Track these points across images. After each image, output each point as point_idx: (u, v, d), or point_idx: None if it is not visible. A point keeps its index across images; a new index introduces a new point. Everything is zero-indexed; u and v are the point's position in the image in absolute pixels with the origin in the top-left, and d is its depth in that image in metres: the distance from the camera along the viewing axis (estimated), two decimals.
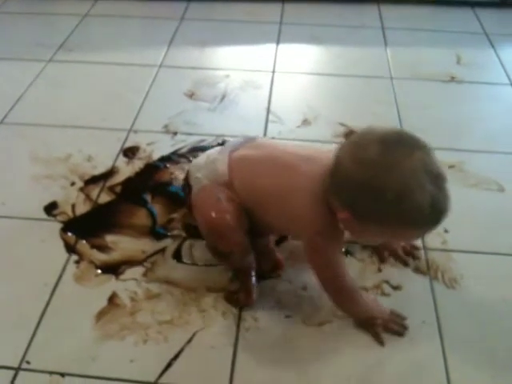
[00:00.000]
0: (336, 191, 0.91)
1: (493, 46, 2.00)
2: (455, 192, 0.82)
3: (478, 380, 0.97)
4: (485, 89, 1.79)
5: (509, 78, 1.83)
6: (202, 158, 1.13)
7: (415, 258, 1.18)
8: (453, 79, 1.80)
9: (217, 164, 1.06)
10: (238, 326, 1.04)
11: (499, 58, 1.94)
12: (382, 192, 0.83)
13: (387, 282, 1.13)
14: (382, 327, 1.03)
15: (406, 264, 1.16)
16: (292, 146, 1.17)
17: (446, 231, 1.23)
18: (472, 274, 1.15)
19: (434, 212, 0.85)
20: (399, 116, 1.62)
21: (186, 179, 1.13)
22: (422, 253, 1.19)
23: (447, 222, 1.22)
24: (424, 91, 1.74)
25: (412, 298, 1.10)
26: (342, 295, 1.04)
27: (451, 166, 1.40)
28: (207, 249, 1.12)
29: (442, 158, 0.89)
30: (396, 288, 1.12)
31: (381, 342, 1.02)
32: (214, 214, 1.01)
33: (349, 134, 1.54)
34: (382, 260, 1.17)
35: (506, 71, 1.87)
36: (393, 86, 1.75)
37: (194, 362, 0.99)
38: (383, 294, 1.11)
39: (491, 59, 1.94)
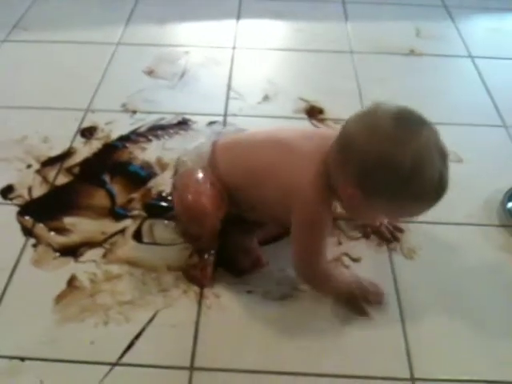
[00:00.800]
0: (346, 167, 0.90)
1: (452, 19, 2.02)
2: None
3: (436, 345, 1.00)
4: (444, 61, 1.80)
5: (467, 50, 1.84)
6: (192, 146, 1.14)
7: (396, 239, 1.18)
8: (412, 52, 1.81)
9: (202, 148, 1.07)
10: (199, 304, 1.04)
11: (458, 31, 1.95)
12: (397, 166, 0.84)
13: (347, 254, 1.14)
14: (362, 300, 1.04)
15: (388, 241, 1.17)
16: (287, 128, 1.17)
17: None
18: (430, 245, 1.17)
19: (440, 187, 0.87)
20: (360, 90, 1.62)
21: (176, 166, 1.14)
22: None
23: None
24: (384, 65, 1.75)
25: (371, 270, 1.11)
26: (319, 279, 1.04)
27: None
28: (177, 229, 1.11)
29: None
30: (355, 260, 1.13)
31: (366, 314, 1.03)
32: (190, 197, 1.01)
33: (310, 109, 1.54)
34: (366, 236, 1.18)
35: (464, 43, 1.88)
36: (353, 61, 1.75)
37: (155, 341, 0.99)
38: (343, 265, 1.12)
39: (450, 32, 1.95)
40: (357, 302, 1.04)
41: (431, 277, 1.11)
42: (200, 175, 1.04)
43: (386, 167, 0.84)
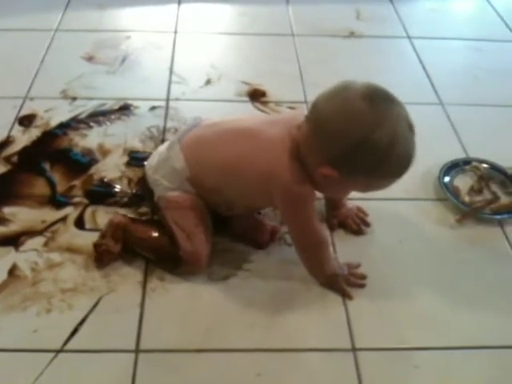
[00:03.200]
0: (321, 149, 0.91)
1: (391, 1, 2.05)
2: None
3: (376, 316, 1.03)
4: (383, 42, 1.84)
5: (406, 31, 1.89)
6: (154, 157, 1.13)
7: (366, 224, 1.19)
8: (352, 34, 1.84)
9: (172, 162, 1.06)
10: (143, 288, 1.05)
11: (397, 12, 1.99)
12: (374, 147, 0.87)
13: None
14: (345, 282, 1.06)
15: (357, 233, 1.18)
16: (247, 117, 1.17)
17: None
18: (369, 220, 1.20)
19: (410, 160, 0.92)
20: (301, 72, 1.64)
21: (144, 183, 1.13)
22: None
23: None
24: (324, 47, 1.77)
25: None
26: (317, 251, 1.05)
27: None
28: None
29: None
30: None
31: (349, 297, 1.05)
32: (188, 247, 1.04)
33: (252, 92, 1.55)
34: (331, 229, 1.18)
35: (403, 25, 1.92)
36: (294, 43, 1.77)
37: (100, 326, 0.99)
38: (286, 243, 1.14)
39: (390, 13, 1.99)
40: (338, 285, 1.06)
41: (369, 250, 1.15)
42: (192, 212, 1.05)
43: (364, 148, 0.87)
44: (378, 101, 0.89)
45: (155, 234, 1.08)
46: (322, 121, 0.91)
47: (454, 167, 1.32)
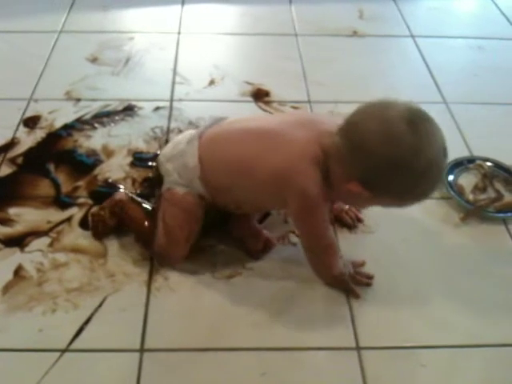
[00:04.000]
0: (354, 165, 0.91)
1: (394, 0, 2.05)
2: None
3: (380, 314, 1.03)
4: (386, 41, 1.84)
5: (409, 30, 1.89)
6: (169, 146, 1.13)
7: (360, 220, 1.20)
8: (355, 33, 1.84)
9: (186, 158, 1.05)
10: (148, 287, 1.05)
11: (400, 11, 1.99)
12: (410, 173, 0.88)
13: (293, 232, 1.16)
14: (352, 281, 1.06)
15: (352, 227, 1.18)
16: (272, 116, 1.16)
17: None
18: (371, 218, 1.20)
19: (438, 186, 0.95)
20: (304, 72, 1.64)
21: (157, 169, 1.13)
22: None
23: None
24: (328, 46, 1.77)
25: None
26: (325, 254, 1.05)
27: None
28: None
29: (345, 110, 0.94)
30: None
31: (356, 296, 1.05)
32: (180, 248, 1.07)
33: (256, 92, 1.56)
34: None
35: (406, 23, 1.93)
36: (297, 43, 1.77)
37: (105, 325, 0.99)
38: (290, 243, 1.15)
39: (393, 12, 1.99)
40: (345, 284, 1.06)
41: (373, 249, 1.15)
42: (184, 214, 1.06)
43: (400, 173, 0.88)
44: (419, 126, 0.88)
45: (143, 219, 1.11)
46: (360, 138, 0.89)
47: (457, 166, 1.32)
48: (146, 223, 1.10)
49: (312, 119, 1.07)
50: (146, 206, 1.13)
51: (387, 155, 0.87)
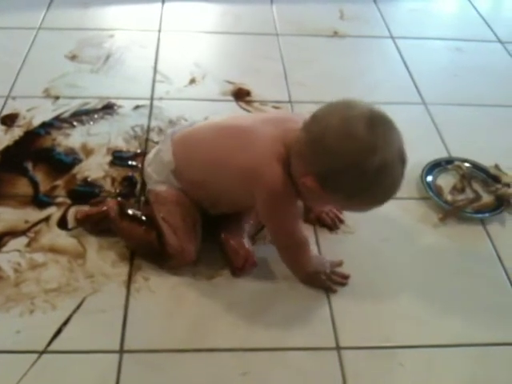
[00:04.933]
0: (311, 161, 0.91)
1: (374, 1, 2.06)
2: None
3: (360, 314, 1.04)
4: (367, 42, 1.85)
5: (389, 31, 1.90)
6: (152, 151, 1.15)
7: (341, 221, 1.20)
8: (336, 34, 1.85)
9: (162, 154, 1.07)
10: (128, 288, 1.04)
11: (380, 12, 2.00)
12: (364, 173, 0.87)
13: None
14: (327, 279, 1.07)
15: (332, 228, 1.19)
16: (244, 115, 1.16)
17: None
18: (351, 218, 1.20)
19: (394, 192, 0.93)
20: (285, 72, 1.64)
21: (142, 173, 1.14)
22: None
23: None
24: (309, 47, 1.77)
25: None
26: (296, 252, 1.06)
27: None
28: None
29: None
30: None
31: (332, 290, 1.06)
32: (177, 246, 1.04)
33: (237, 91, 1.55)
34: (310, 223, 1.19)
35: (386, 25, 1.94)
36: (278, 43, 1.77)
37: (84, 326, 0.98)
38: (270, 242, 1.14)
39: (373, 14, 2.01)
40: (320, 282, 1.07)
41: (353, 249, 1.15)
42: (179, 208, 1.06)
43: (352, 173, 0.88)
44: (378, 127, 0.88)
45: (142, 230, 1.08)
46: (319, 132, 0.90)
47: (436, 166, 1.33)
48: (146, 232, 1.08)
49: (283, 118, 1.08)
50: (138, 216, 1.11)
51: (341, 151, 0.88)
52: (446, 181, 1.32)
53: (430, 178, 1.30)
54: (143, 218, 1.10)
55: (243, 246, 1.09)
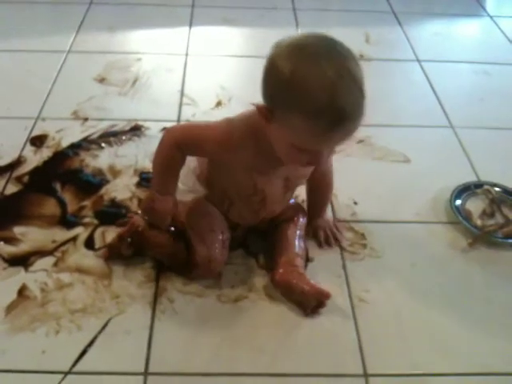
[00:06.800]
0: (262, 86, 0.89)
1: (400, 24, 2.07)
2: (364, 165, 0.83)
3: (388, 341, 1.02)
4: (392, 65, 1.85)
5: (415, 54, 1.90)
6: None
7: (336, 239, 1.18)
8: (362, 57, 1.84)
9: (188, 162, 1.07)
10: (153, 309, 1.04)
11: (406, 36, 2.01)
12: (280, 70, 0.83)
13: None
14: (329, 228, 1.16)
15: (320, 245, 1.17)
16: None
17: (355, 203, 1.27)
18: (380, 243, 1.19)
19: (332, 103, 0.80)
20: None
21: None
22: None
23: (356, 194, 1.28)
24: None
25: (323, 270, 1.13)
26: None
27: (360, 141, 1.45)
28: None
29: None
30: (308, 260, 1.15)
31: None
32: (206, 255, 1.04)
33: None
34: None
35: (412, 48, 1.94)
36: None
37: (109, 348, 0.98)
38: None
39: (399, 37, 2.01)
40: (324, 231, 1.15)
41: (380, 274, 1.13)
42: (207, 217, 1.07)
43: (269, 73, 0.86)
44: (328, 54, 0.83)
45: (170, 240, 1.09)
46: (270, 56, 0.88)
47: (465, 190, 1.31)
48: (174, 242, 1.09)
49: None
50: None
51: (268, 59, 0.85)
52: (475, 205, 1.29)
53: (458, 202, 1.28)
54: (171, 228, 1.10)
55: (304, 278, 1.06)
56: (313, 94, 0.81)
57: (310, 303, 1.04)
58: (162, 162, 1.05)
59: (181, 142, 1.01)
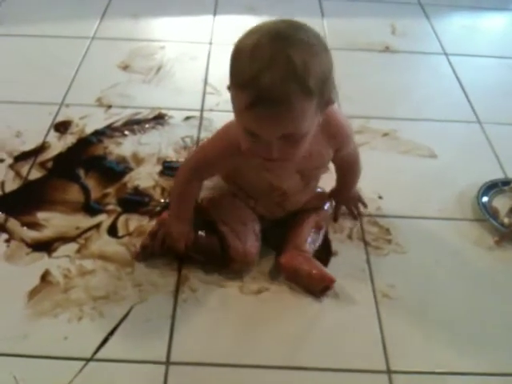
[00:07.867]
0: None
1: (427, 16, 2.03)
2: (389, 159, 0.81)
3: (412, 338, 1.01)
4: (419, 58, 1.82)
5: (442, 47, 1.86)
6: None
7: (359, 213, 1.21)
8: (387, 49, 1.82)
9: None
10: (175, 298, 1.04)
11: (433, 28, 1.97)
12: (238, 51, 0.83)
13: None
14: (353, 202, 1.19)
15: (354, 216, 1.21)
16: None
17: (380, 197, 1.25)
18: (405, 239, 1.18)
19: (254, 79, 0.78)
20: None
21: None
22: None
23: (381, 188, 1.27)
24: (359, 61, 1.75)
25: (347, 264, 1.12)
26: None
27: (385, 134, 1.42)
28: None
29: (376, 126, 0.90)
30: (331, 254, 1.13)
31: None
32: (240, 249, 1.05)
33: None
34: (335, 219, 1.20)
35: (439, 40, 1.90)
36: None
37: (131, 336, 0.98)
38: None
39: (425, 29, 1.97)
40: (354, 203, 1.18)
41: (405, 270, 1.12)
42: (237, 211, 1.08)
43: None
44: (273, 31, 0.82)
45: (204, 235, 1.08)
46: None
47: (492, 187, 1.29)
48: (208, 237, 1.08)
49: None
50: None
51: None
52: (502, 202, 1.27)
53: (485, 199, 1.26)
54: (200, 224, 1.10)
55: (310, 263, 1.07)
56: (242, 66, 0.81)
57: (316, 287, 1.05)
58: (180, 191, 1.06)
59: (196, 167, 1.03)
